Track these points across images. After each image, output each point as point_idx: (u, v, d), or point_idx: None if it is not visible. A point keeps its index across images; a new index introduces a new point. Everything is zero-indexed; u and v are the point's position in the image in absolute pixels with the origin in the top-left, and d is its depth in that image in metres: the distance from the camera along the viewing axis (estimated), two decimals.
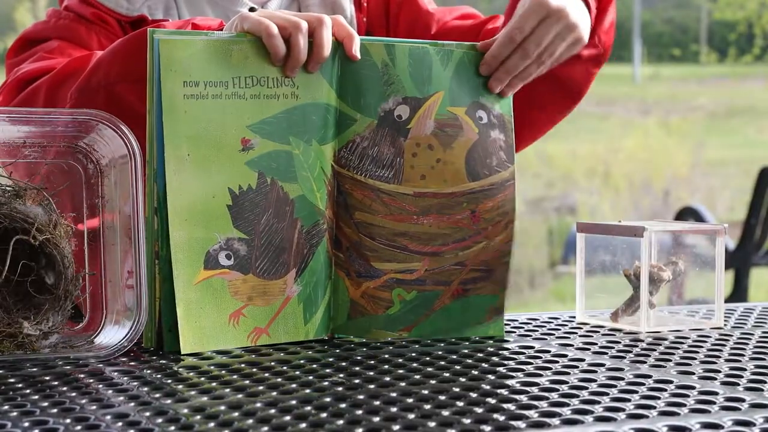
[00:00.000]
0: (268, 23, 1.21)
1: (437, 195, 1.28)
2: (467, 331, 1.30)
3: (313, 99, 1.25)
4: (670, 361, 1.15)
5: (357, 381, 1.04)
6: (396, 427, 0.86)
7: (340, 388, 1.01)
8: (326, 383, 1.03)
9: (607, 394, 0.98)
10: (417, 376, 1.06)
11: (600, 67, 1.48)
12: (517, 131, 1.35)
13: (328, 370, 1.09)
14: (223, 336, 1.21)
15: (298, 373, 1.08)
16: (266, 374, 1.07)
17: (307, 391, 0.99)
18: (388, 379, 1.05)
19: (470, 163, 1.29)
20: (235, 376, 1.06)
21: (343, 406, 0.94)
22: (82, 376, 1.07)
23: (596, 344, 1.25)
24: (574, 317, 1.43)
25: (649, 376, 1.06)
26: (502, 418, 0.89)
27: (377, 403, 0.95)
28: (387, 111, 1.27)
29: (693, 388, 1.01)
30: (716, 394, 0.99)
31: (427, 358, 1.16)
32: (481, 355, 1.19)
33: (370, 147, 1.27)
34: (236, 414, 0.91)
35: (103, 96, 1.29)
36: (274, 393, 0.98)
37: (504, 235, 1.31)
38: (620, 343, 1.26)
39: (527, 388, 1.01)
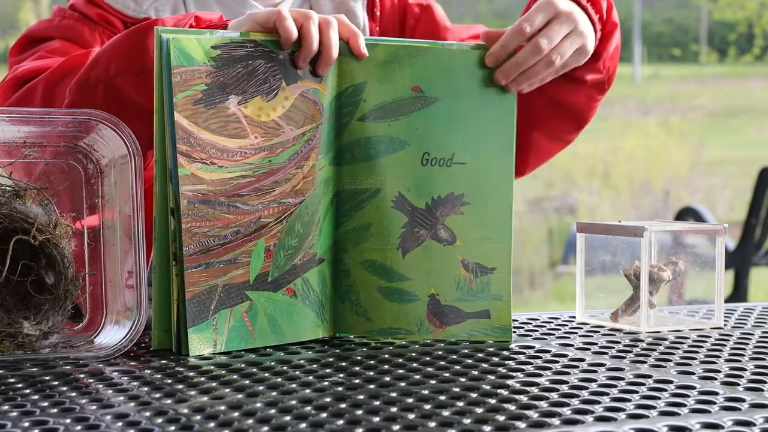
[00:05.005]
0: (280, 9, 1.20)
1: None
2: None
3: None
4: (670, 361, 1.15)
5: (357, 381, 1.04)
6: (396, 427, 0.86)
7: (340, 388, 1.01)
8: (326, 383, 1.03)
9: (607, 394, 0.98)
10: (417, 376, 1.06)
11: (604, 94, 1.45)
12: (521, 154, 1.33)
13: (328, 370, 1.09)
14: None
15: (298, 373, 1.08)
16: (266, 374, 1.07)
17: (307, 391, 0.99)
18: (388, 379, 1.05)
19: None
20: (235, 376, 1.06)
21: (343, 406, 0.94)
22: (82, 376, 1.07)
23: (596, 344, 1.25)
24: (574, 317, 1.43)
25: (649, 376, 1.06)
26: (502, 418, 0.89)
27: (377, 403, 0.95)
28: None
29: (693, 388, 1.01)
30: (716, 394, 0.99)
31: (427, 358, 1.16)
32: (481, 355, 1.19)
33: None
34: (236, 414, 0.91)
35: (102, 90, 1.28)
36: (274, 393, 0.98)
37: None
38: (620, 343, 1.26)
39: (527, 388, 1.01)
